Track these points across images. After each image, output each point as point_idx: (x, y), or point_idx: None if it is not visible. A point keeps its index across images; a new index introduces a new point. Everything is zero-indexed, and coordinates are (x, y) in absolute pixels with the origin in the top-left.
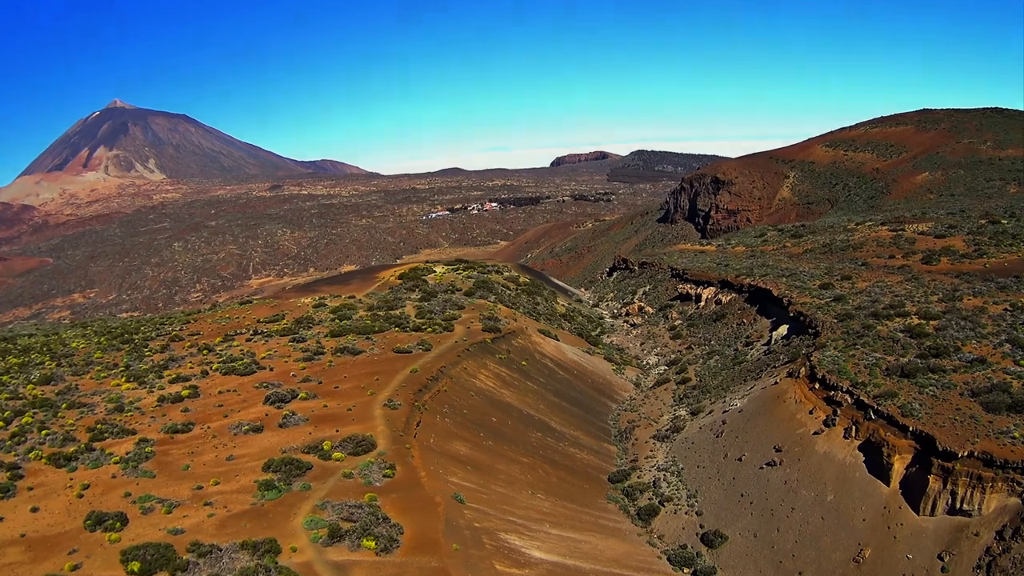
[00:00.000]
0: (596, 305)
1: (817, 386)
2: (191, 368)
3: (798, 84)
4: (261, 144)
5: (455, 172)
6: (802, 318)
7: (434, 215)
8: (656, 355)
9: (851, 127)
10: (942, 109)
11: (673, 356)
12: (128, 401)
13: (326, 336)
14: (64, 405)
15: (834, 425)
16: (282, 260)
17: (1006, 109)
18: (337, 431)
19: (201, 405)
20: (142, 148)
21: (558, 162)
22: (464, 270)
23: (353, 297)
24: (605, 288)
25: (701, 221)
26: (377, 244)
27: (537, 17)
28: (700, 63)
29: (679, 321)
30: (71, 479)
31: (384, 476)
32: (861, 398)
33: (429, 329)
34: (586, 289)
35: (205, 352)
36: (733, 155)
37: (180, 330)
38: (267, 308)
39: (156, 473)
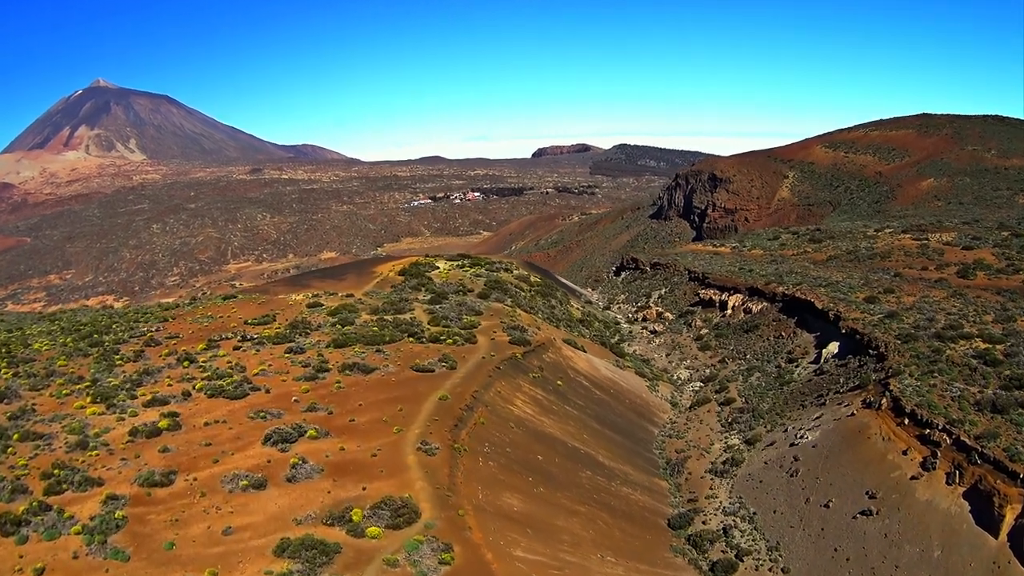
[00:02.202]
0: (607, 307)
1: (906, 421)
2: (170, 386)
3: (782, 82)
4: (242, 127)
5: (436, 160)
6: (858, 336)
7: (416, 203)
8: (686, 368)
9: (850, 128)
10: (943, 114)
11: (707, 371)
12: (94, 432)
13: (328, 346)
14: (16, 436)
15: (934, 469)
16: (261, 245)
17: (1007, 117)
18: (364, 489)
19: (184, 442)
20: (123, 128)
21: (539, 153)
22: (471, 267)
23: (352, 296)
24: (614, 289)
25: (697, 219)
26: (358, 231)
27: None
28: (684, 56)
29: (705, 330)
30: (21, 557)
31: (441, 563)
32: (961, 438)
33: (449, 340)
34: (593, 289)
35: (186, 364)
36: (717, 152)
37: (156, 331)
38: (254, 306)
39: (131, 553)
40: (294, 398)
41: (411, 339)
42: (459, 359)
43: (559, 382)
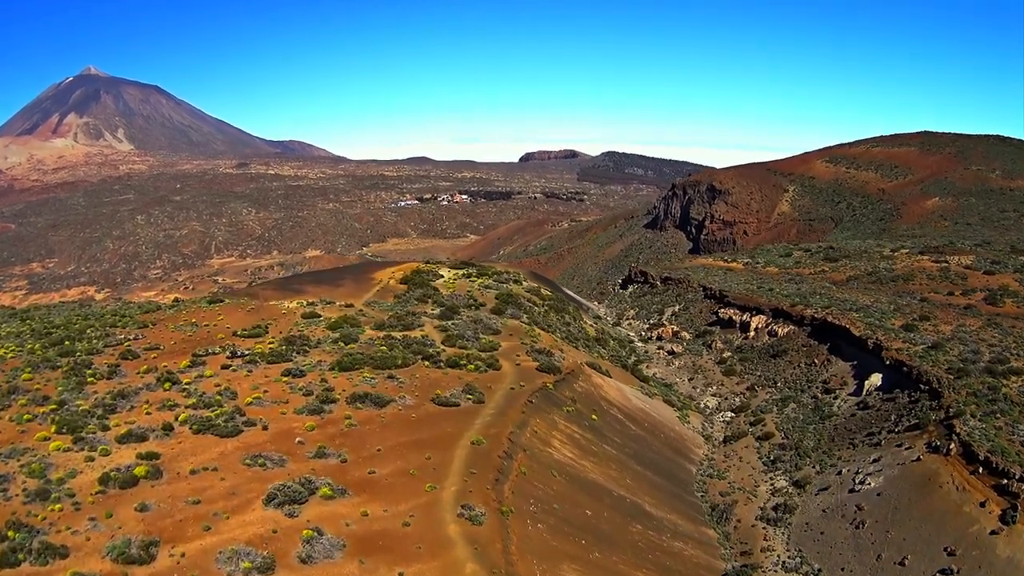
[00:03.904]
0: (617, 324)
1: (980, 470)
2: (148, 414)
3: (775, 94)
4: (230, 120)
5: (423, 161)
6: (905, 368)
7: (403, 203)
8: (713, 396)
9: (851, 144)
10: (945, 133)
11: (737, 399)
12: (57, 477)
13: (331, 369)
14: None
15: (1014, 523)
16: (245, 240)
17: (1009, 138)
18: (401, 575)
19: (166, 497)
20: (112, 117)
21: (527, 158)
22: (478, 277)
23: (352, 306)
24: (622, 303)
25: (693, 231)
26: (344, 230)
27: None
28: (677, 63)
29: (727, 353)
30: None
31: None
32: None
33: (470, 366)
34: (599, 302)
35: (167, 385)
36: (708, 163)
37: (135, 339)
38: (242, 313)
39: None
40: (298, 439)
41: (426, 363)
42: (485, 390)
43: (594, 416)
